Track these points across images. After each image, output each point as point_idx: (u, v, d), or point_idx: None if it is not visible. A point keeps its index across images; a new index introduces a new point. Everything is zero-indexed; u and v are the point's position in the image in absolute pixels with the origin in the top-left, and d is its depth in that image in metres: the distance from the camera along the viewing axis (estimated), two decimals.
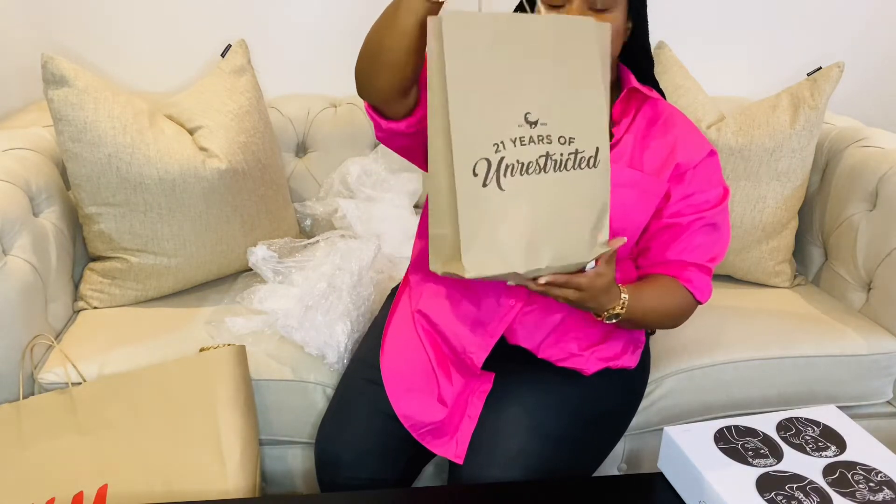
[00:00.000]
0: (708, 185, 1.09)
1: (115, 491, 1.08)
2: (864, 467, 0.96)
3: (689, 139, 1.09)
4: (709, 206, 1.09)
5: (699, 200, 1.08)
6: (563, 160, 0.90)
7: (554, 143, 0.89)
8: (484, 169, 0.87)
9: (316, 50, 1.78)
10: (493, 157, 0.87)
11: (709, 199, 1.09)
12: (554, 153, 0.89)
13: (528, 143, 0.88)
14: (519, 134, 0.87)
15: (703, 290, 1.10)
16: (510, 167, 0.88)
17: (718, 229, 1.11)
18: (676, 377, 1.34)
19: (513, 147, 0.87)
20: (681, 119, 1.11)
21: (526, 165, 0.88)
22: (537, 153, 0.88)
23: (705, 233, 1.09)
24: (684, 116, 1.12)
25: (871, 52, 1.89)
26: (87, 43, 1.71)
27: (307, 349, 1.28)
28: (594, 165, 0.91)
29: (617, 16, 1.00)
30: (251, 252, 1.43)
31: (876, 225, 1.47)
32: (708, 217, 1.08)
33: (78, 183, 1.34)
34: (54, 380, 1.23)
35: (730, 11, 1.82)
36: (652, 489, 1.03)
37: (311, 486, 1.32)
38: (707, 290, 1.11)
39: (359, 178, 1.66)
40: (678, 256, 1.09)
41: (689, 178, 1.08)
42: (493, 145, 0.87)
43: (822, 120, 1.52)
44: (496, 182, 0.87)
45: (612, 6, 0.99)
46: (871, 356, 1.39)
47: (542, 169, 0.89)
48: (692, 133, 1.10)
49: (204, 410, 1.14)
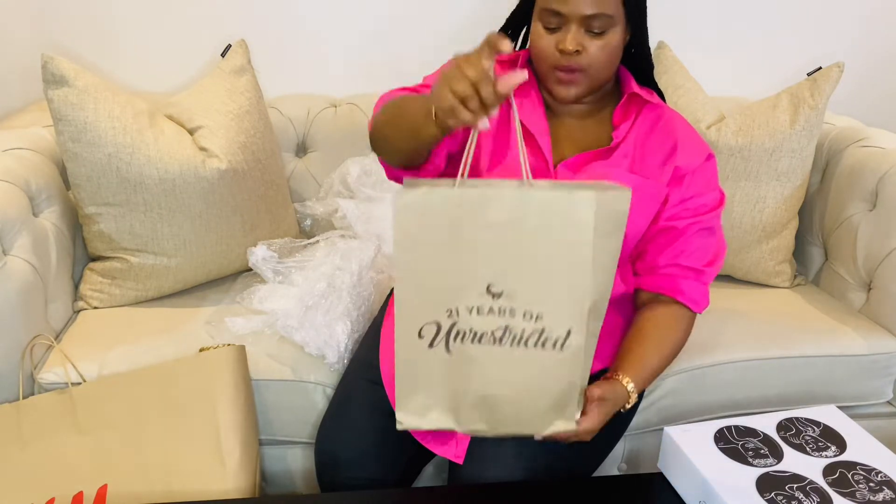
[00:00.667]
0: (706, 189, 1.09)
1: (115, 491, 1.08)
2: (864, 467, 0.96)
3: (688, 142, 1.09)
4: (706, 209, 1.09)
5: (697, 204, 1.08)
6: (524, 336, 0.86)
7: (517, 317, 0.86)
8: (432, 332, 0.86)
9: (316, 50, 1.78)
10: (445, 322, 0.86)
11: (706, 202, 1.09)
12: (515, 328, 0.86)
13: (486, 313, 0.86)
14: (478, 303, 0.85)
15: (699, 300, 1.10)
16: (461, 334, 0.86)
17: (714, 234, 1.10)
18: (676, 377, 1.33)
19: (468, 315, 0.86)
20: (680, 122, 1.11)
21: (479, 335, 0.86)
22: (495, 325, 0.86)
23: (701, 237, 1.09)
24: (684, 120, 1.12)
25: (871, 52, 1.89)
26: (87, 43, 1.71)
27: (307, 349, 1.28)
28: (560, 348, 0.86)
29: (615, 33, 1.00)
30: (251, 252, 1.43)
31: (876, 225, 1.47)
32: (704, 221, 1.08)
33: (78, 183, 1.34)
34: (54, 380, 1.23)
35: (730, 11, 1.82)
36: (652, 489, 1.02)
37: (311, 486, 1.32)
38: (703, 299, 1.10)
39: (359, 178, 1.65)
40: (674, 261, 1.09)
41: (688, 182, 1.08)
42: (447, 310, 0.86)
43: (822, 120, 1.52)
44: (444, 345, 0.87)
45: (609, 27, 0.99)
46: (871, 356, 1.39)
47: (497, 341, 0.86)
48: (691, 136, 1.10)
49: (204, 410, 1.14)
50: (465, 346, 0.87)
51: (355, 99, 1.75)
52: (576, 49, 0.98)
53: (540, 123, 1.08)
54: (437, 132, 0.86)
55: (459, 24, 1.75)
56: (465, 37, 1.33)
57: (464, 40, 1.30)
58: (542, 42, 1.01)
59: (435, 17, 1.76)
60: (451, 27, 1.78)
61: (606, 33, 0.99)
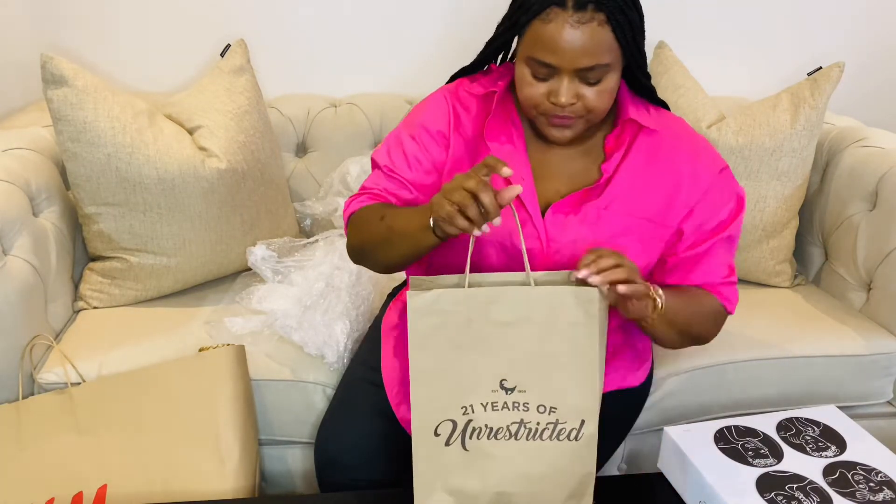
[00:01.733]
0: (722, 203, 1.02)
1: (115, 491, 1.08)
2: (864, 467, 0.96)
3: (697, 167, 1.01)
4: (724, 226, 1.03)
5: (715, 223, 1.02)
6: (539, 429, 0.88)
7: (531, 410, 0.88)
8: (448, 430, 0.88)
9: (316, 50, 1.78)
10: (460, 419, 0.87)
11: (722, 220, 1.03)
12: (529, 421, 0.88)
13: (500, 408, 0.88)
14: (492, 399, 0.87)
15: (732, 299, 1.06)
16: (477, 430, 0.88)
17: (734, 240, 1.06)
18: (676, 377, 1.33)
19: (483, 411, 0.87)
20: (685, 144, 1.02)
21: (495, 430, 0.88)
22: (510, 419, 0.88)
23: (723, 248, 1.04)
24: (688, 136, 1.04)
25: (871, 52, 1.89)
26: (87, 43, 1.71)
27: (306, 349, 1.28)
28: (576, 438, 0.88)
29: (613, 78, 0.92)
30: (250, 252, 1.43)
31: (876, 225, 1.47)
32: (726, 232, 1.03)
33: (77, 183, 1.34)
34: (54, 380, 1.23)
35: (730, 11, 1.82)
36: (652, 489, 1.02)
37: (311, 487, 1.32)
38: (735, 299, 1.07)
39: (358, 177, 1.65)
40: (704, 280, 1.04)
41: (701, 207, 1.02)
42: (461, 407, 0.87)
43: (822, 120, 1.52)
44: (461, 443, 0.88)
45: (605, 74, 0.91)
46: (871, 356, 1.39)
47: (513, 435, 0.88)
48: (697, 157, 1.02)
49: (203, 410, 1.14)
50: (482, 443, 0.88)
51: (355, 99, 1.75)
52: (571, 102, 0.91)
53: (522, 169, 1.00)
54: (435, 241, 0.87)
55: (459, 24, 1.75)
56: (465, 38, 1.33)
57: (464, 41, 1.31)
58: (531, 91, 0.93)
59: (435, 17, 1.76)
60: (451, 27, 1.78)
61: (603, 80, 0.91)
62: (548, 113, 0.94)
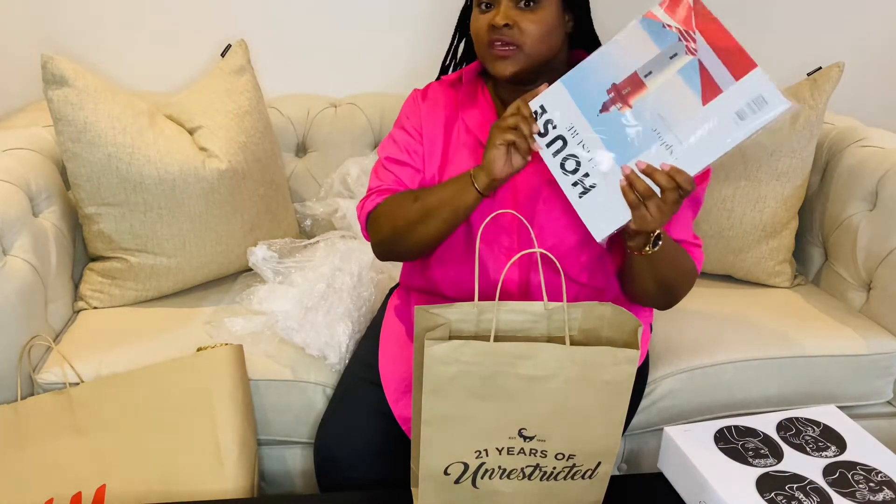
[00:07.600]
0: None
1: (114, 491, 1.08)
2: (864, 467, 0.96)
3: None
4: None
5: None
6: (554, 472, 0.87)
7: (549, 457, 0.86)
8: (459, 470, 0.86)
9: (316, 50, 1.78)
10: (473, 462, 0.86)
11: None
12: (545, 466, 0.87)
13: (516, 453, 0.86)
14: (508, 445, 0.85)
15: (700, 261, 1.08)
16: (489, 472, 0.86)
17: (699, 204, 1.08)
18: (676, 377, 1.33)
19: (497, 455, 0.86)
20: None
21: (508, 472, 0.87)
22: (525, 463, 0.86)
23: (690, 210, 1.07)
24: None
25: (871, 52, 1.89)
26: (88, 43, 1.71)
27: (308, 351, 1.28)
28: (589, 477, 0.88)
29: (549, 9, 0.99)
30: (251, 252, 1.43)
31: (876, 225, 1.47)
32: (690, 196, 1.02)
33: (78, 183, 1.34)
34: (53, 380, 1.22)
35: (729, 11, 1.82)
36: (652, 489, 1.02)
37: (311, 487, 1.32)
38: (701, 259, 1.08)
39: (359, 178, 1.66)
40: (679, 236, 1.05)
41: None
42: (475, 451, 0.85)
43: (821, 120, 1.52)
44: (471, 482, 0.87)
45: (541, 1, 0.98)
46: (871, 356, 1.39)
47: (526, 476, 0.87)
48: None
49: (201, 410, 1.13)
50: (493, 482, 0.87)
51: (355, 99, 1.75)
52: (505, 23, 0.97)
53: None
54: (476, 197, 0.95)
55: None
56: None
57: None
58: (477, 24, 1.02)
59: (435, 17, 1.76)
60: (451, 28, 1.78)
61: (538, 9, 0.98)
62: (490, 42, 1.00)
